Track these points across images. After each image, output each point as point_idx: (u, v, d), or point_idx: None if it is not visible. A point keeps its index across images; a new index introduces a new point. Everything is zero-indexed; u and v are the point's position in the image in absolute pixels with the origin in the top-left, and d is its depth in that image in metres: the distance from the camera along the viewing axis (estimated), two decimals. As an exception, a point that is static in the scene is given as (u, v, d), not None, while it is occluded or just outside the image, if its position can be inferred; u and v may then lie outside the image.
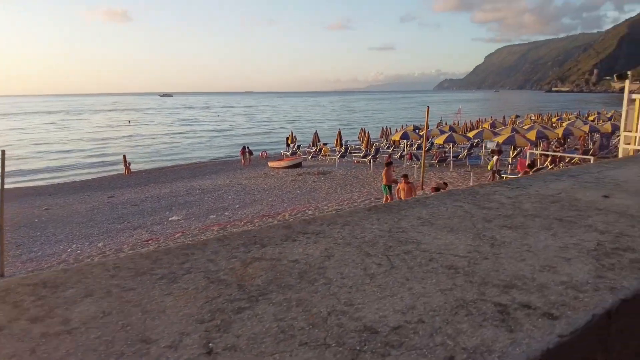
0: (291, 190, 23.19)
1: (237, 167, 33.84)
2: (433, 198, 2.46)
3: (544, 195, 2.51)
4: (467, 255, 1.59)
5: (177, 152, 48.60)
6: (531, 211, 2.18)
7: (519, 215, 2.11)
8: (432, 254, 1.61)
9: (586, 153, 25.29)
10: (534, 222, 1.99)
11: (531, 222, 1.99)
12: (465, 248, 1.67)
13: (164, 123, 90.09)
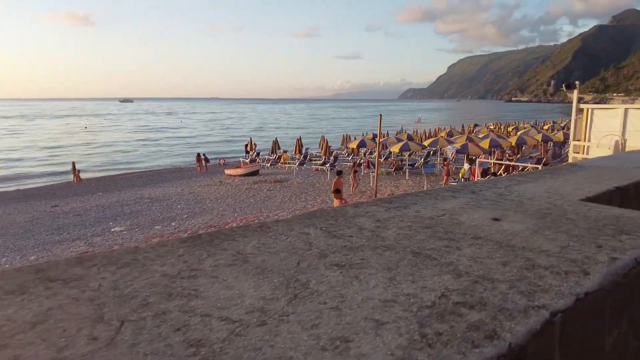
0: (245, 199, 22.51)
1: (192, 175, 32.86)
2: (282, 222, 1.96)
3: (422, 217, 2.05)
4: (239, 319, 1.09)
5: (133, 159, 47.09)
6: (390, 240, 1.70)
7: (369, 246, 1.63)
8: (196, 316, 1.10)
9: (539, 162, 25.63)
10: (380, 258, 1.51)
11: (376, 258, 1.51)
12: (251, 304, 1.17)
13: (123, 129, 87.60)
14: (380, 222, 1.97)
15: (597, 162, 3.98)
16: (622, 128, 17.75)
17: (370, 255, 1.54)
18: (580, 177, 3.18)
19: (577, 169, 3.58)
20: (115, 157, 49.05)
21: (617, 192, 2.86)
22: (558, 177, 3.16)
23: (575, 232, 1.83)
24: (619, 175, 3.31)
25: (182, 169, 36.56)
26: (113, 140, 65.32)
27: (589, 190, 2.74)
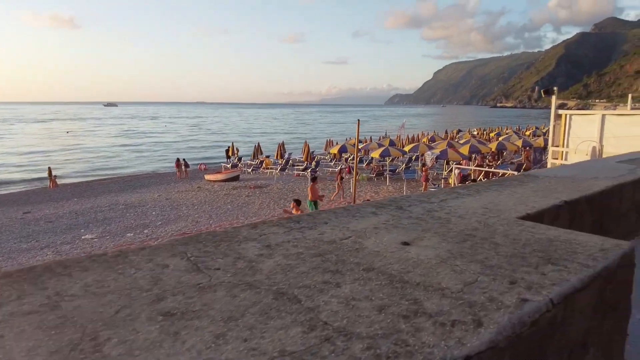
0: (222, 205, 22.09)
1: (171, 181, 32.29)
2: (147, 251, 1.64)
3: (322, 241, 1.75)
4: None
5: (114, 164, 46.28)
6: (261, 275, 1.40)
7: (228, 284, 1.32)
8: None
9: (519, 168, 25.60)
10: (229, 303, 1.20)
11: (224, 303, 1.20)
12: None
13: (105, 134, 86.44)
14: (269, 248, 1.66)
15: (553, 171, 3.72)
16: (600, 134, 17.72)
17: (220, 298, 1.23)
18: (529, 189, 2.91)
19: (529, 179, 3.31)
20: (95, 162, 48.20)
21: (565, 207, 2.58)
22: (505, 190, 2.88)
23: (493, 261, 1.54)
24: (573, 186, 3.04)
25: (162, 175, 35.97)
26: (95, 145, 64.32)
27: (533, 205, 2.46)
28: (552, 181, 3.22)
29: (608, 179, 3.37)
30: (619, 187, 3.25)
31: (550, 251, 1.65)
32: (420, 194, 2.69)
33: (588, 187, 3.04)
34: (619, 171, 3.77)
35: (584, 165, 4.12)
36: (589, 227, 2.88)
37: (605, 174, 3.57)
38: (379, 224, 2.00)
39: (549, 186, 3.03)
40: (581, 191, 2.88)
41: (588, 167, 3.94)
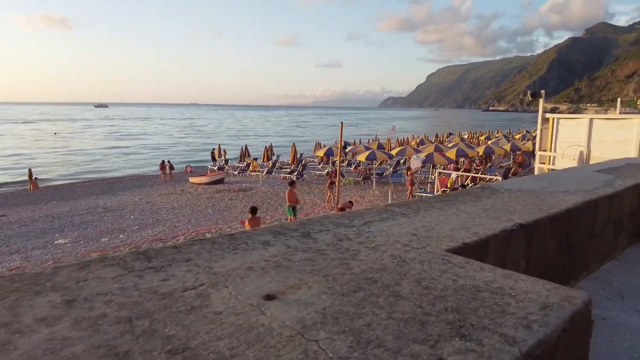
0: (203, 209, 21.53)
1: (155, 183, 31.66)
2: None
3: (157, 292, 1.25)
4: None
5: (99, 166, 45.48)
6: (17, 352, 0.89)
7: None
8: None
9: (507, 172, 25.24)
10: None
11: None
12: None
13: (94, 135, 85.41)
14: (67, 305, 1.15)
15: (518, 183, 3.25)
16: (588, 138, 17.36)
17: None
18: (480, 208, 2.43)
19: (487, 193, 2.83)
20: (81, 164, 47.37)
21: (520, 231, 2.11)
22: (450, 208, 2.41)
23: (376, 331, 1.05)
24: (536, 203, 2.57)
25: (147, 177, 35.29)
26: (82, 147, 63.40)
27: (476, 230, 1.98)
28: (512, 196, 2.75)
29: (580, 193, 2.90)
30: (592, 203, 2.79)
31: (469, 311, 1.17)
32: (344, 215, 2.20)
33: (554, 203, 2.57)
34: (594, 183, 3.31)
35: (556, 176, 3.65)
36: (552, 253, 2.41)
37: (578, 187, 3.10)
38: (259, 262, 1.50)
39: (507, 203, 2.56)
40: (545, 209, 2.41)
41: (559, 179, 3.47)
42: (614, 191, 3.00)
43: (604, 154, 17.06)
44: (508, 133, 56.82)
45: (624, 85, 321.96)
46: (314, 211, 19.39)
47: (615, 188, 3.13)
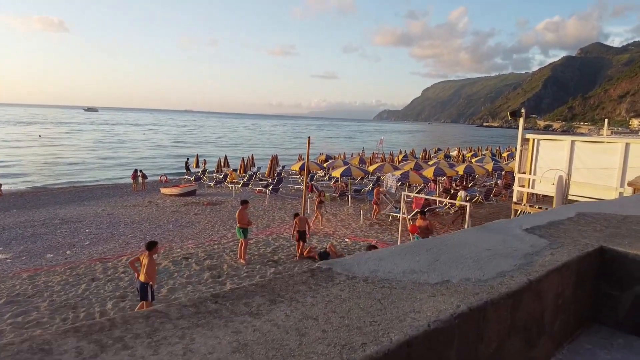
0: (164, 224, 20.28)
1: (125, 193, 30.36)
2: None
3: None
4: None
5: (76, 172, 44.03)
6: None
7: None
8: None
9: (489, 192, 24.20)
10: None
11: None
12: None
13: (79, 140, 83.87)
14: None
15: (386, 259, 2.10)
16: (569, 162, 16.35)
17: None
18: (321, 308, 1.29)
19: (308, 286, 1.68)
20: (58, 169, 45.93)
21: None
22: (268, 313, 1.25)
23: None
24: (374, 312, 1.43)
25: (120, 186, 33.93)
26: (63, 152, 61.95)
27: None
28: (354, 294, 1.60)
29: (465, 288, 1.76)
30: (479, 309, 1.64)
31: None
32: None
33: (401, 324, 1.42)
34: (506, 260, 2.17)
35: (453, 243, 2.49)
36: None
37: (471, 271, 1.96)
38: None
39: (329, 316, 1.40)
40: (374, 338, 1.26)
41: (456, 248, 2.32)
42: (522, 285, 1.87)
43: (586, 179, 16.06)
44: (497, 151, 56.04)
45: (617, 105, 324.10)
46: (279, 230, 18.20)
47: (533, 274, 1.99)
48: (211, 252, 14.04)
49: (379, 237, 16.37)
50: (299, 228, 13.50)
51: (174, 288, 10.91)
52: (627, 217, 3.54)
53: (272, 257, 13.32)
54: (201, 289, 10.80)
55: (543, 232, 2.83)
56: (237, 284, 11.16)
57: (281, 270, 12.03)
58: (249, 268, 12.25)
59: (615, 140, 15.47)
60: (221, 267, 12.40)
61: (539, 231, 2.83)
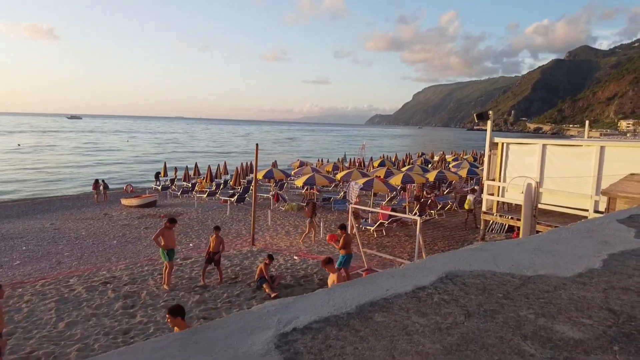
0: (108, 240, 18.67)
1: (85, 204, 28.68)
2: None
3: None
4: None
5: (44, 182, 42.22)
6: None
7: None
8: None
9: (463, 199, 22.79)
10: None
11: None
12: None
13: (58, 148, 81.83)
14: None
15: None
16: (540, 167, 14.97)
17: None
18: None
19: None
20: (26, 180, 44.08)
21: None
22: None
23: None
24: None
25: (81, 197, 32.23)
26: (38, 161, 60.04)
27: None
28: None
29: None
30: None
31: None
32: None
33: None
34: None
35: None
36: None
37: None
38: None
39: None
40: None
41: None
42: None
43: (558, 186, 14.67)
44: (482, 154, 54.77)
45: (605, 107, 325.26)
46: (232, 246, 16.65)
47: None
48: (138, 274, 12.49)
49: (333, 252, 14.88)
50: (212, 248, 12.01)
51: (75, 322, 9.37)
52: (531, 279, 2.12)
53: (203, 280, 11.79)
54: (105, 323, 9.27)
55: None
56: (148, 316, 9.64)
57: (206, 299, 10.50)
58: (171, 296, 10.72)
59: (589, 144, 14.11)
60: (139, 294, 10.86)
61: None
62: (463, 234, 17.78)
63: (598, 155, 13.58)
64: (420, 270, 2.14)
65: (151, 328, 9.02)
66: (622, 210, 4.34)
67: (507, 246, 2.66)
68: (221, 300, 10.39)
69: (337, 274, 8.50)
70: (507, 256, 2.46)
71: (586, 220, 3.74)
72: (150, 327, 9.08)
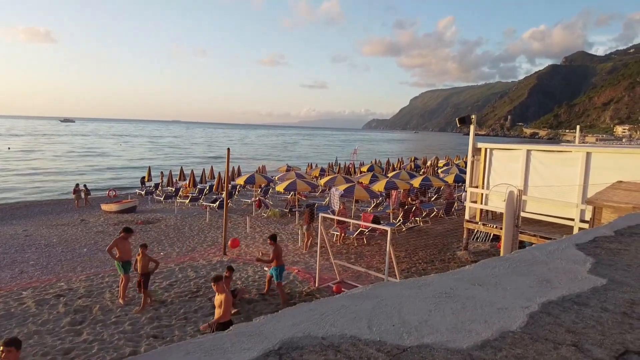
0: (78, 248, 17.93)
1: (64, 210, 27.94)
2: None
3: None
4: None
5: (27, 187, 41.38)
6: None
7: None
8: None
9: (450, 206, 22.15)
10: None
11: None
12: None
13: (47, 151, 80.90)
14: None
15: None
16: (524, 174, 14.32)
17: None
18: None
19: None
20: (9, 184, 43.25)
21: None
22: None
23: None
24: None
25: (63, 202, 31.45)
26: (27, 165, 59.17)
27: None
28: None
29: None
30: None
31: None
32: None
33: None
34: None
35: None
36: None
37: None
38: None
39: None
40: None
41: None
42: None
43: (543, 194, 14.02)
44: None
45: (601, 113, 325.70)
46: (204, 255, 15.93)
47: None
48: (96, 286, 11.76)
49: (308, 263, 14.19)
50: (142, 269, 10.47)
51: (14, 341, 8.60)
52: (404, 355, 1.44)
53: (162, 294, 11.06)
54: (46, 342, 8.54)
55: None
56: (95, 334, 8.91)
57: (161, 315, 9.79)
58: (124, 311, 10.00)
59: (575, 150, 13.45)
60: (92, 309, 10.14)
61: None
62: (447, 243, 17.10)
63: (584, 161, 12.92)
64: (246, 338, 1.46)
65: (95, 347, 8.31)
66: (586, 230, 3.67)
67: (403, 290, 1.98)
68: (177, 316, 9.68)
69: (225, 296, 7.61)
70: (394, 308, 1.78)
71: (536, 246, 3.06)
72: (94, 346, 8.37)
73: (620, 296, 2.12)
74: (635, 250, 3.09)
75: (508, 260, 2.64)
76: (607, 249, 3.13)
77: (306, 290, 11.10)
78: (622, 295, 2.13)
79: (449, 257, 15.02)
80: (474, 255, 15.11)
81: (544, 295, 2.04)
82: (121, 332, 8.88)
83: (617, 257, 2.92)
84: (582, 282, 2.29)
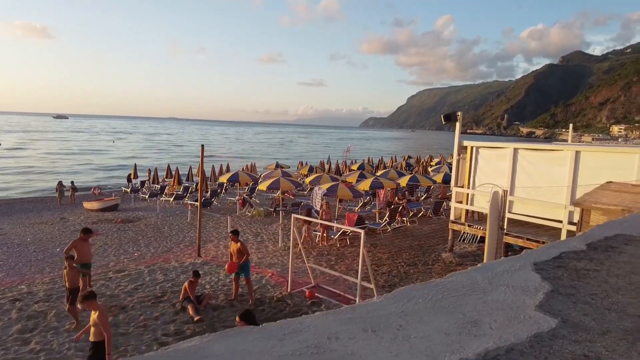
0: (53, 247, 17.30)
1: (47, 207, 27.29)
2: None
3: None
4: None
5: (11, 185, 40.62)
6: None
7: None
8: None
9: (439, 205, 21.60)
10: None
11: None
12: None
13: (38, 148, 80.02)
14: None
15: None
16: (511, 173, 13.76)
17: None
18: None
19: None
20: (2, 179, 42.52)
21: None
22: None
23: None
24: None
25: (46, 199, 30.76)
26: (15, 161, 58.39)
27: None
28: None
29: None
30: None
31: None
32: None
33: None
34: None
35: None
36: None
37: None
38: None
39: None
40: None
41: None
42: None
43: (530, 194, 13.45)
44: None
45: (598, 112, 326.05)
46: (179, 256, 15.31)
47: None
48: (57, 290, 11.15)
49: (285, 266, 13.58)
50: (67, 284, 9.32)
51: (-46, 350, 8.00)
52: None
53: (125, 299, 10.43)
54: (-12, 353, 7.91)
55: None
56: (44, 343, 8.29)
57: (119, 322, 9.16)
58: (82, 316, 9.37)
59: (563, 148, 12.89)
60: (47, 315, 9.52)
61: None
62: (432, 244, 16.52)
63: (573, 160, 12.36)
64: None
65: (41, 358, 7.70)
66: (553, 243, 3.06)
67: (255, 342, 1.37)
68: (135, 323, 9.06)
69: (99, 313, 6.75)
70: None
71: (484, 266, 2.46)
72: (40, 357, 7.75)
73: (570, 349, 1.52)
74: (607, 272, 2.49)
75: (435, 287, 2.04)
76: (572, 269, 2.53)
77: (277, 296, 10.50)
78: (573, 348, 1.53)
79: (433, 260, 14.44)
80: (459, 258, 14.55)
81: (459, 350, 1.44)
82: (72, 342, 8.26)
83: (581, 281, 2.32)
84: (522, 324, 1.68)
